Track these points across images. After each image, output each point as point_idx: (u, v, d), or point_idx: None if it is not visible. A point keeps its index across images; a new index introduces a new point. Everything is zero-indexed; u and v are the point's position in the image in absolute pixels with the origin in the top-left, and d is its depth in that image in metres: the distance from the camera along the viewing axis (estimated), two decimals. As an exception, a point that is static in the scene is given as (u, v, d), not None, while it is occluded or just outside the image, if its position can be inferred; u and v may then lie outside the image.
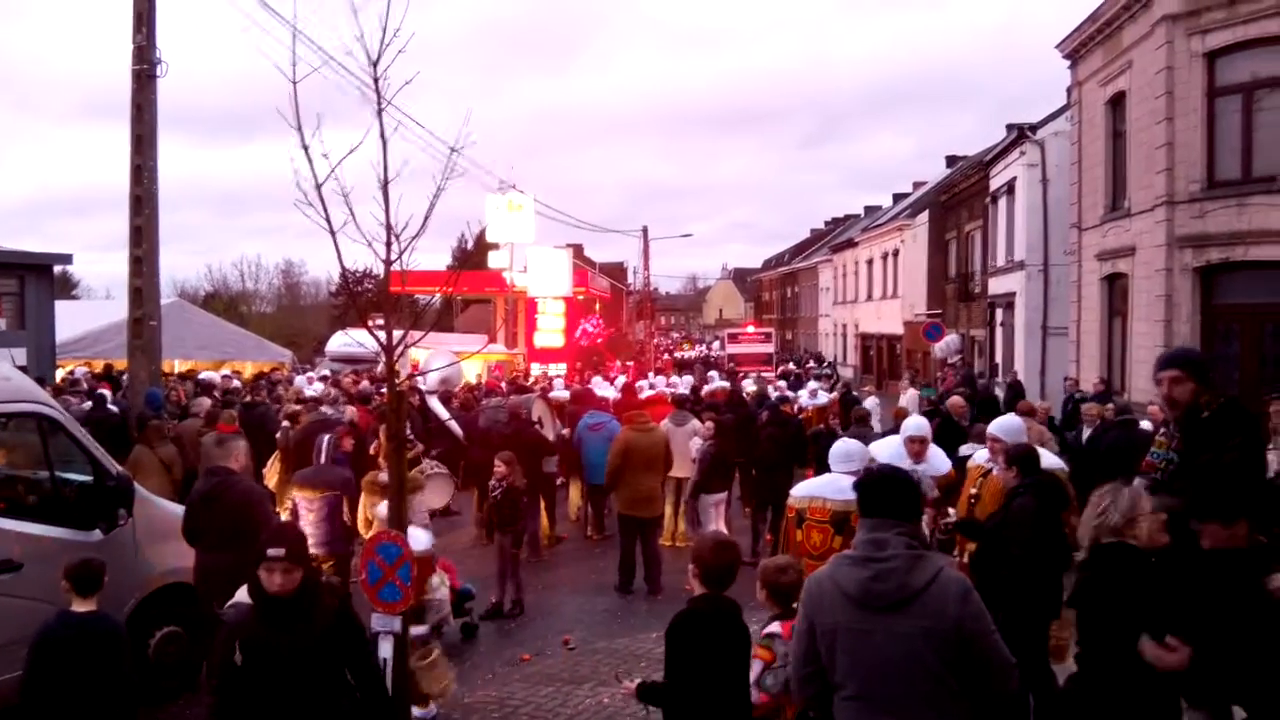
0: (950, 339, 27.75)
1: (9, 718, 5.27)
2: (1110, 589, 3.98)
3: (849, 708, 3.54)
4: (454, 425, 14.07)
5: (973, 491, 7.01)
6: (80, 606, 5.05)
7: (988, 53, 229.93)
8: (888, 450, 7.74)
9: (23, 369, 10.36)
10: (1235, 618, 3.64)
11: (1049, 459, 7.25)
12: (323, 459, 8.76)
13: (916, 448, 7.77)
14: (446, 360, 13.13)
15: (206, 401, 13.89)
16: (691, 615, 4.33)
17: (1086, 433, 11.84)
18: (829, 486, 6.18)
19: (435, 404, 14.02)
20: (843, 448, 6.55)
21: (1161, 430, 5.24)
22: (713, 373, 25.63)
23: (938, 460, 7.99)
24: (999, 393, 24.54)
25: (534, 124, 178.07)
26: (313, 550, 8.33)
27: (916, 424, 8.28)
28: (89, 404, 13.58)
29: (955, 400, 12.75)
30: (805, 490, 6.45)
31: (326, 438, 9.07)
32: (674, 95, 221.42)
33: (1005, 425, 7.22)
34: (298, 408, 13.35)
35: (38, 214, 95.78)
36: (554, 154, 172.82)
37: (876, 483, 3.72)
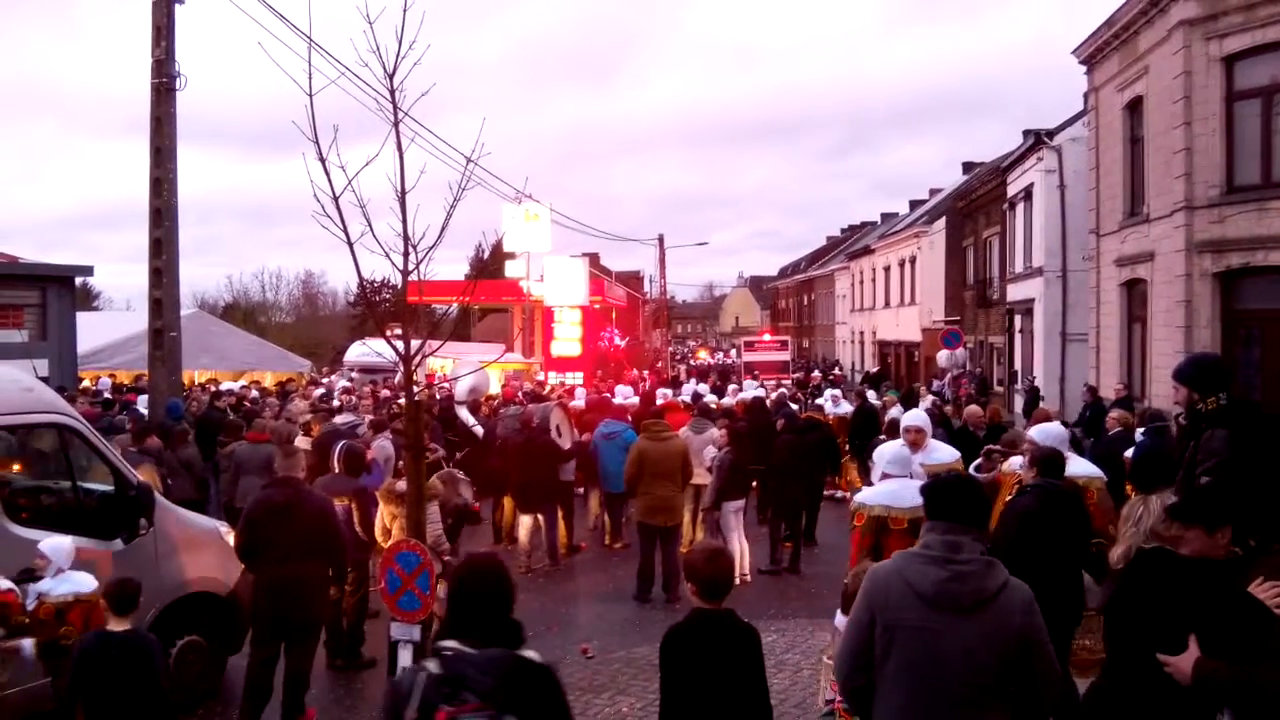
0: (958, 352, 27.75)
1: None
2: (1145, 594, 3.92)
3: (894, 705, 3.57)
4: (479, 430, 14.15)
5: (1008, 498, 6.97)
6: (117, 625, 5.23)
7: (1018, 65, 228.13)
8: (895, 454, 7.80)
9: (45, 380, 10.44)
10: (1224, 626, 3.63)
11: (1087, 467, 7.21)
12: (336, 468, 8.78)
13: (912, 436, 8.08)
14: (473, 369, 13.22)
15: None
16: (686, 629, 4.26)
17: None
18: (908, 494, 6.30)
19: (464, 413, 14.09)
20: (892, 452, 6.74)
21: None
22: (749, 382, 25.48)
23: (939, 452, 8.22)
24: (1019, 399, 24.54)
25: (572, 138, 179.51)
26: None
27: (914, 415, 8.68)
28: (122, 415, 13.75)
29: (973, 409, 12.70)
30: (916, 500, 6.49)
31: (339, 446, 9.10)
32: (707, 109, 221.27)
33: (1046, 432, 7.20)
34: (309, 417, 13.42)
35: (74, 227, 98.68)
36: (589, 166, 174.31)
37: (950, 487, 3.76)
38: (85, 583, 5.70)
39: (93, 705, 5.09)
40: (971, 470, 7.95)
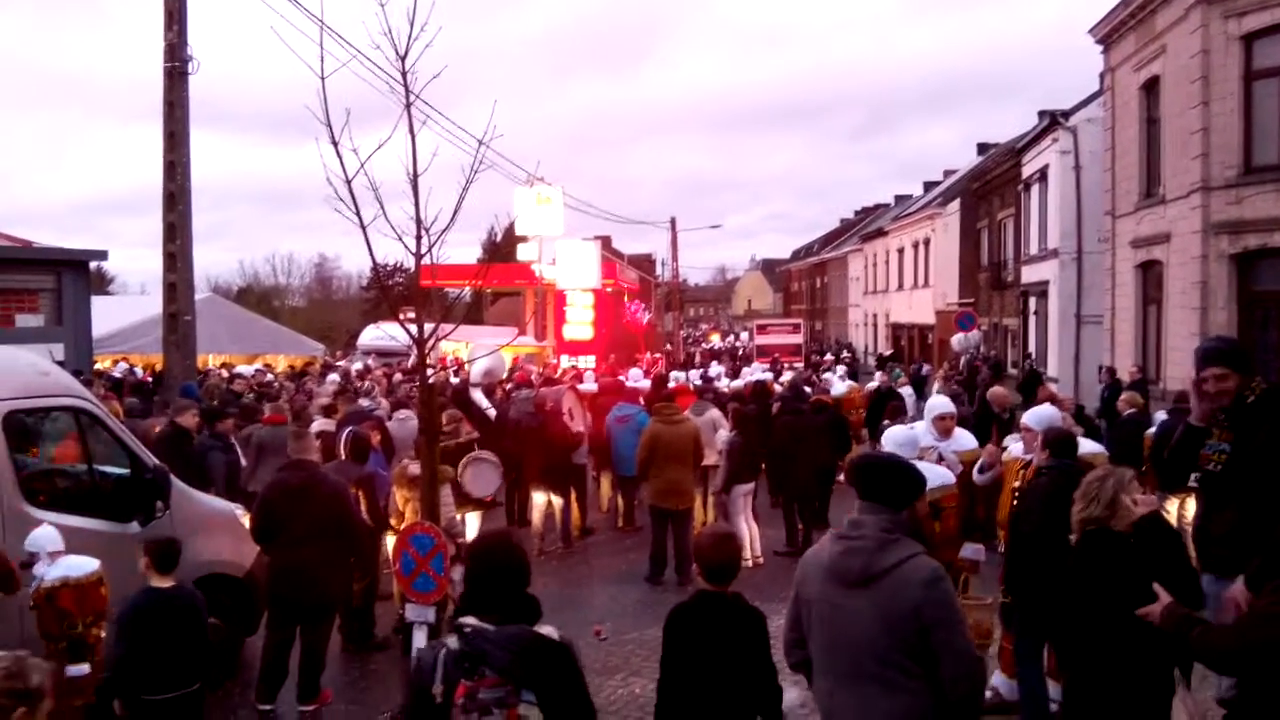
0: (972, 335, 27.65)
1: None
2: (1091, 574, 4.12)
3: (816, 675, 3.81)
4: (492, 413, 14.17)
5: (1015, 485, 6.95)
6: (160, 583, 5.51)
7: (1042, 48, 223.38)
8: (904, 436, 7.79)
9: (60, 364, 10.50)
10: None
11: (1088, 444, 7.22)
12: (343, 454, 8.78)
13: (946, 424, 7.99)
14: (488, 352, 13.22)
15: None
16: (689, 609, 4.32)
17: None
18: (948, 474, 6.30)
19: (479, 395, 14.11)
20: (907, 435, 6.74)
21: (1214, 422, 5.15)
22: (757, 365, 25.41)
23: (964, 438, 8.15)
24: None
25: (593, 121, 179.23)
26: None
27: (941, 402, 8.55)
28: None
29: (996, 391, 12.62)
30: (930, 481, 6.47)
31: (346, 431, 9.11)
32: (724, 93, 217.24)
33: (1039, 415, 7.20)
34: (326, 401, 13.46)
35: (94, 212, 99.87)
36: (607, 149, 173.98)
37: (867, 468, 3.89)
38: (78, 566, 5.67)
39: (143, 658, 5.36)
40: (975, 472, 7.93)
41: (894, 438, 6.81)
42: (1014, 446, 7.85)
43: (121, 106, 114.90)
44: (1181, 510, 8.78)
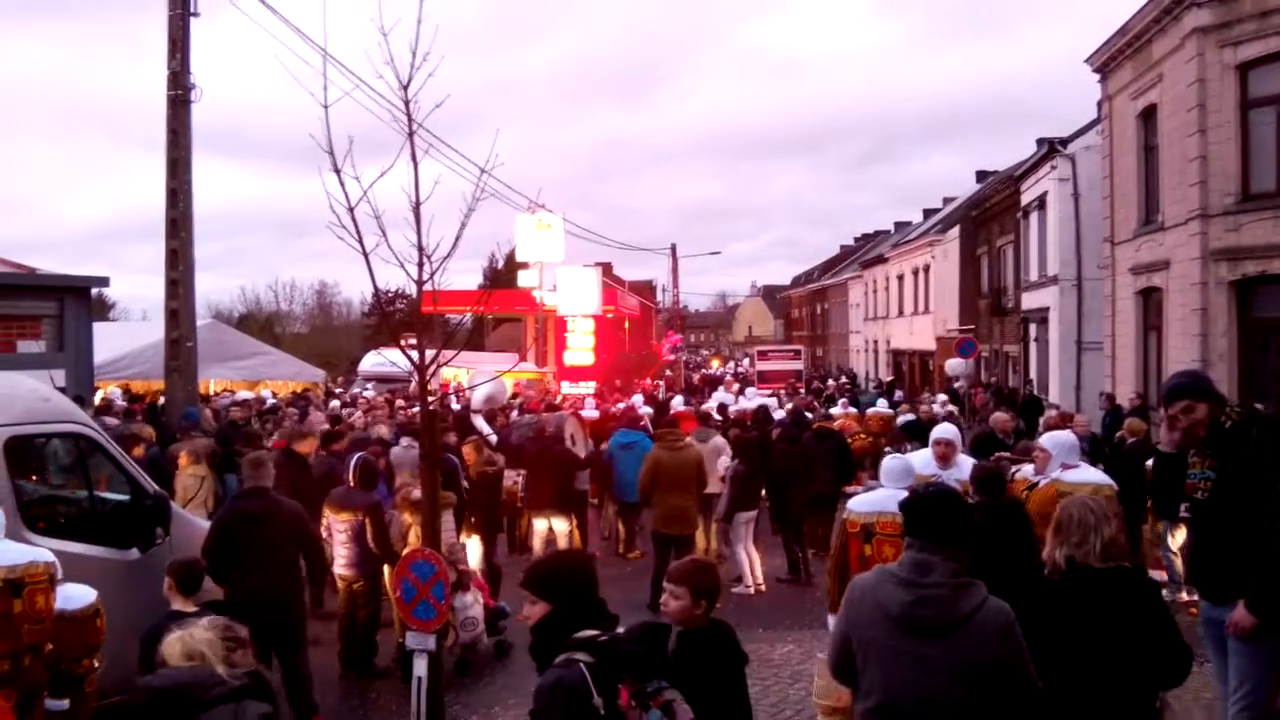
0: (968, 362, 27.75)
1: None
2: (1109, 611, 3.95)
3: (866, 714, 3.60)
4: (494, 439, 14.20)
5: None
6: (183, 605, 5.50)
7: (1051, 80, 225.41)
8: (920, 460, 7.76)
9: (61, 389, 10.49)
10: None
11: (1094, 474, 7.17)
12: (351, 480, 8.74)
13: (942, 450, 7.85)
14: (489, 378, 13.24)
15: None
16: (686, 651, 4.05)
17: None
18: (893, 500, 6.21)
19: (480, 422, 14.14)
20: (898, 464, 6.69)
21: (1192, 451, 5.21)
22: (750, 389, 25.34)
23: (967, 466, 8.06)
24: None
25: (604, 152, 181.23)
26: (342, 571, 8.42)
27: (942, 429, 8.43)
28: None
29: (999, 416, 12.62)
30: (868, 505, 6.43)
31: (355, 457, 9.09)
32: (736, 123, 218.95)
33: (1057, 439, 7.21)
34: (325, 427, 13.44)
35: (109, 238, 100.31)
36: (616, 179, 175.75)
37: (925, 504, 3.65)
38: (74, 598, 5.46)
39: None
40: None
41: (888, 469, 6.74)
42: (1024, 468, 7.85)
43: (137, 135, 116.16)
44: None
